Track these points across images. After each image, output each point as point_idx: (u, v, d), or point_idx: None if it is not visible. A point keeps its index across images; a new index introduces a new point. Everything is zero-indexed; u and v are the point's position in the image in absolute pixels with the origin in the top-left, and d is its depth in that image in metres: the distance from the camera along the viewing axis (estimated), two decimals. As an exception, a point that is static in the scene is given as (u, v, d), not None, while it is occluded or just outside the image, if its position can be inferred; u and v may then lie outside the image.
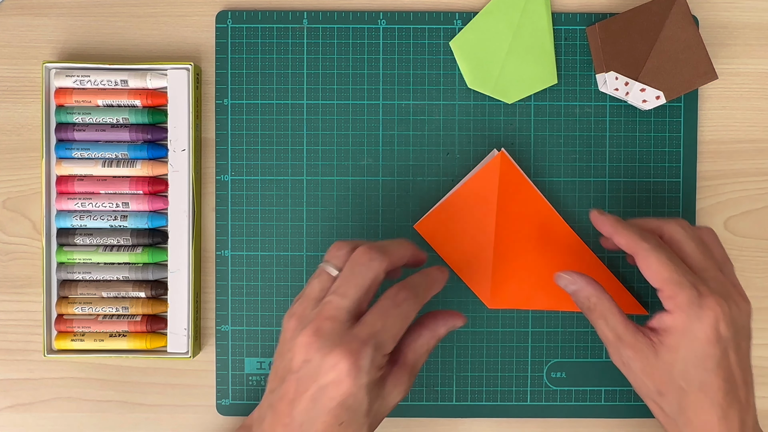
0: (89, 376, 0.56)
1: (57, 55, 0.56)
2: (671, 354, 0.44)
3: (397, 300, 0.45)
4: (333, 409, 0.42)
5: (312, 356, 0.43)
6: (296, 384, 0.43)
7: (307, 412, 0.43)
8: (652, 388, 0.45)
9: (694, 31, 0.52)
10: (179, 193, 0.54)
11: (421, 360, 0.46)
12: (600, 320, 0.47)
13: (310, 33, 0.55)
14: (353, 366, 0.42)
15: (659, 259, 0.45)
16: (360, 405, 0.43)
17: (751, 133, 0.56)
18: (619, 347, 0.46)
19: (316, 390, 0.42)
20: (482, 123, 0.55)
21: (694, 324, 0.44)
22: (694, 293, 0.44)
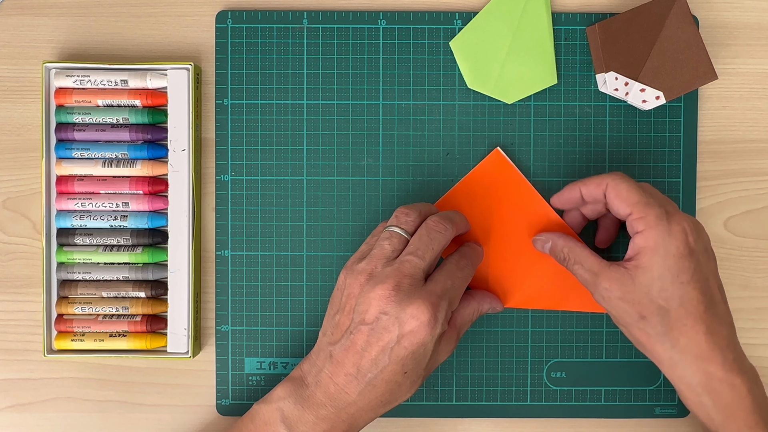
0: (89, 376, 0.56)
1: (57, 55, 0.56)
2: (647, 274, 0.45)
3: (460, 265, 0.49)
4: (404, 357, 0.46)
5: (390, 309, 0.46)
6: (368, 335, 0.46)
7: (376, 362, 0.46)
8: (634, 313, 0.46)
9: (694, 31, 0.52)
10: (179, 193, 0.54)
11: (465, 326, 0.51)
12: (576, 266, 0.49)
13: (310, 33, 0.55)
14: (432, 317, 0.46)
15: (629, 185, 0.47)
16: (425, 355, 0.47)
17: (751, 133, 0.56)
18: (597, 283, 0.47)
19: (391, 340, 0.46)
20: (482, 123, 0.55)
21: (665, 239, 0.45)
22: (662, 211, 0.46)
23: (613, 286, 0.47)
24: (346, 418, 0.47)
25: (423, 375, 0.48)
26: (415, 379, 0.48)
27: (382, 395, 0.47)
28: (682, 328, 0.46)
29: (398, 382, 0.47)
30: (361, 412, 0.48)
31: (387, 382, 0.47)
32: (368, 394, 0.47)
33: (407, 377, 0.47)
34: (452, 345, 0.50)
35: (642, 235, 0.46)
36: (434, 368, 0.49)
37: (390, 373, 0.46)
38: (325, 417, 0.47)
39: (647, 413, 0.55)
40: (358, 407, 0.47)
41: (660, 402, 0.55)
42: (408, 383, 0.47)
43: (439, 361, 0.49)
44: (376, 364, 0.46)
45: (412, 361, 0.46)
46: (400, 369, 0.46)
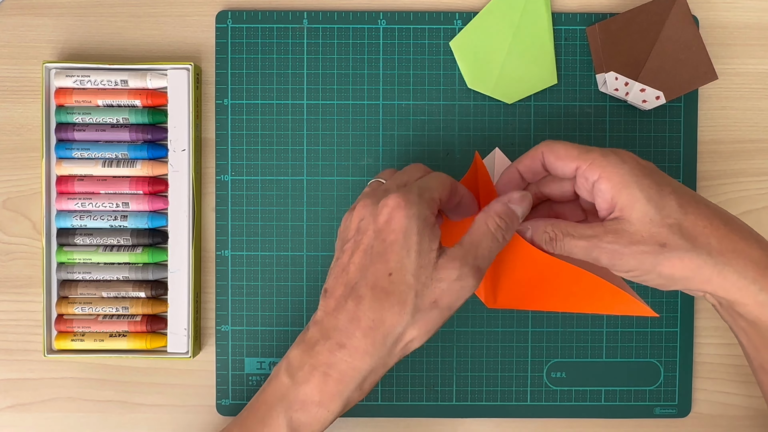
0: (89, 376, 0.56)
1: (57, 55, 0.56)
2: (636, 206, 0.43)
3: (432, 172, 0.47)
4: (384, 251, 0.42)
5: (366, 213, 0.44)
6: (352, 246, 0.44)
7: (361, 268, 0.43)
8: (654, 247, 0.43)
9: (694, 31, 0.52)
10: (179, 193, 0.54)
11: (478, 239, 0.44)
12: (567, 239, 0.45)
13: (310, 33, 0.55)
14: (403, 198, 0.43)
15: (565, 144, 0.45)
16: (409, 249, 0.42)
17: (751, 133, 0.56)
18: (600, 243, 0.44)
19: (370, 238, 0.43)
20: (482, 123, 0.55)
21: (623, 167, 0.43)
22: (604, 150, 0.44)
23: (618, 237, 0.43)
24: (337, 348, 0.43)
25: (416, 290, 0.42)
26: (405, 288, 0.42)
27: (370, 310, 0.42)
28: (703, 230, 0.43)
29: (386, 291, 0.42)
30: (351, 339, 0.42)
31: (372, 289, 0.42)
32: (356, 310, 0.42)
33: (394, 284, 0.42)
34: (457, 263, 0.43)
35: (603, 179, 0.44)
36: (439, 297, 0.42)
37: (374, 276, 0.42)
38: (318, 353, 0.43)
39: (647, 413, 0.55)
40: (347, 333, 0.42)
41: (660, 402, 0.55)
42: (397, 297, 0.42)
43: (442, 283, 0.42)
44: (360, 269, 0.43)
45: (395, 257, 0.42)
46: (383, 269, 0.42)
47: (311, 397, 0.43)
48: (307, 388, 0.43)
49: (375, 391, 0.55)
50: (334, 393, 0.43)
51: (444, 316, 0.43)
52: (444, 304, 0.43)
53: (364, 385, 0.44)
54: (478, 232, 0.44)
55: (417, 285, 0.42)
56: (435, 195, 0.44)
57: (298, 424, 0.44)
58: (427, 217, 0.43)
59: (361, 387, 0.44)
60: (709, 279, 0.44)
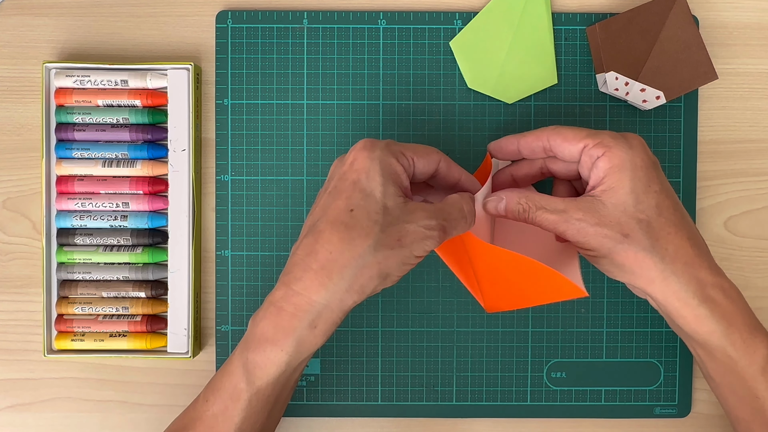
0: (89, 376, 0.56)
1: (57, 55, 0.56)
2: (620, 191, 0.45)
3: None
4: (346, 189, 0.43)
5: (337, 162, 0.46)
6: (321, 192, 0.46)
7: (324, 206, 0.44)
8: (616, 235, 0.44)
9: (694, 31, 0.52)
10: (179, 193, 0.54)
11: (449, 209, 0.45)
12: (539, 212, 0.46)
13: (310, 33, 0.55)
14: (369, 142, 0.44)
15: (570, 127, 0.47)
16: (372, 187, 0.43)
17: (751, 133, 0.56)
18: (568, 218, 0.45)
19: (336, 180, 0.44)
20: (482, 123, 0.55)
21: (629, 152, 0.45)
22: (612, 133, 0.46)
23: (587, 215, 0.45)
24: (293, 282, 0.42)
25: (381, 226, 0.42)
26: (368, 224, 0.42)
27: (328, 242, 0.42)
28: (666, 236, 0.45)
29: (346, 224, 0.42)
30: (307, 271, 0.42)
31: (332, 223, 0.42)
32: (314, 244, 0.42)
33: (356, 218, 0.42)
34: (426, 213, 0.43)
35: (605, 157, 0.45)
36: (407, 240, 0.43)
37: (335, 212, 0.43)
38: (277, 289, 0.43)
39: (647, 413, 0.55)
40: (304, 266, 0.42)
41: (660, 402, 0.55)
42: (360, 230, 0.42)
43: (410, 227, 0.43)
44: (323, 208, 0.44)
45: (358, 195, 0.43)
46: (344, 205, 0.43)
47: (265, 334, 0.43)
48: (263, 325, 0.43)
49: (375, 391, 0.55)
50: (287, 328, 0.42)
51: (406, 259, 0.43)
52: (407, 243, 0.43)
53: (318, 321, 0.42)
54: (452, 206, 0.45)
55: (383, 220, 0.42)
56: (406, 152, 0.45)
57: (252, 365, 0.43)
58: (392, 163, 0.44)
59: (314, 325, 0.42)
60: (653, 281, 0.45)
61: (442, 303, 0.55)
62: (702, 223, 0.56)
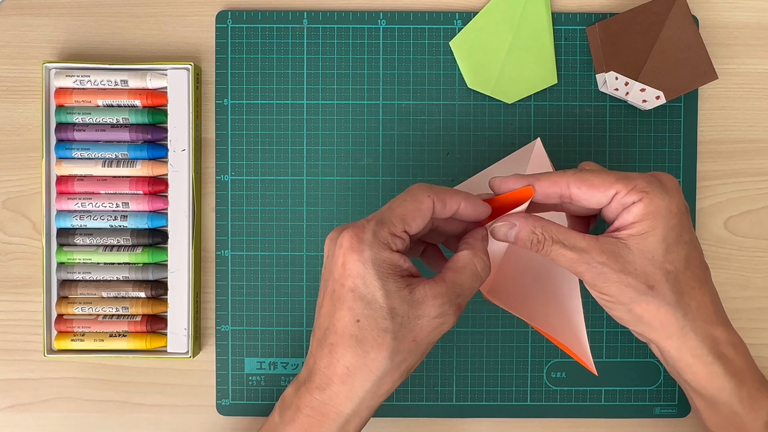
0: (89, 376, 0.56)
1: (57, 55, 0.56)
2: (650, 238, 0.41)
3: (409, 189, 0.43)
4: (346, 298, 0.40)
5: (328, 252, 0.42)
6: (323, 286, 0.42)
7: (328, 314, 0.41)
8: (640, 285, 0.41)
9: (694, 31, 0.52)
10: (179, 193, 0.54)
11: (462, 279, 0.42)
12: (555, 246, 0.42)
13: (310, 33, 0.55)
14: (355, 239, 0.40)
15: (596, 173, 0.42)
16: (372, 293, 0.40)
17: (751, 133, 0.56)
18: (589, 260, 0.41)
19: (333, 281, 0.41)
20: (482, 123, 0.55)
21: (665, 199, 0.41)
22: (649, 176, 0.42)
23: (611, 260, 0.41)
24: (318, 392, 0.42)
25: (394, 330, 0.40)
26: (378, 332, 0.40)
27: (343, 357, 0.41)
28: (691, 291, 0.42)
29: (356, 338, 0.40)
30: (330, 384, 0.41)
31: (341, 336, 0.40)
32: (330, 357, 0.41)
33: (365, 330, 0.40)
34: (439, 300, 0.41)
35: (641, 203, 0.41)
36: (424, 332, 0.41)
37: (341, 323, 0.41)
38: (303, 394, 0.43)
39: (647, 413, 0.55)
40: (325, 377, 0.41)
41: (660, 402, 0.55)
42: (371, 342, 0.40)
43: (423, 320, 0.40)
44: (328, 315, 0.41)
45: (360, 303, 0.40)
46: (349, 316, 0.40)
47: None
48: (292, 429, 0.43)
49: (375, 391, 0.55)
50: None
51: (425, 351, 0.42)
52: (423, 341, 0.41)
53: (348, 427, 0.42)
54: (464, 271, 0.42)
55: (392, 326, 0.40)
56: (396, 229, 0.41)
57: None
58: (386, 258, 0.40)
59: (345, 429, 0.42)
60: (670, 336, 0.43)
61: (442, 303, 0.55)
62: (702, 223, 0.56)
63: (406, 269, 0.41)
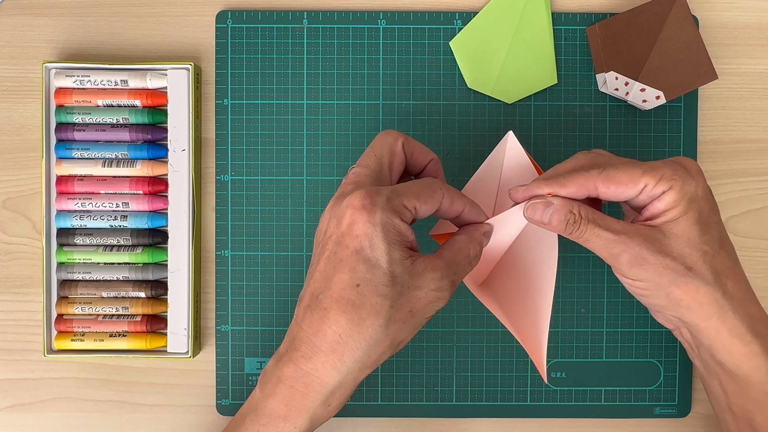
0: (89, 376, 0.56)
1: (57, 55, 0.56)
2: (683, 223, 0.42)
3: (423, 179, 0.44)
4: (348, 259, 0.39)
5: (331, 215, 0.41)
6: (320, 251, 0.41)
7: (325, 276, 0.40)
8: (679, 267, 0.42)
9: (694, 31, 0.52)
10: (179, 193, 0.54)
11: (458, 259, 0.42)
12: (591, 225, 0.42)
13: (310, 33, 0.55)
14: (369, 199, 0.39)
15: (621, 169, 0.42)
16: (377, 257, 0.39)
17: (751, 133, 0.56)
18: (627, 242, 0.41)
19: (333, 243, 0.40)
20: (482, 123, 0.55)
21: (691, 185, 0.42)
22: (667, 162, 0.42)
23: (647, 243, 0.41)
24: (303, 361, 0.41)
25: (392, 298, 0.39)
26: (378, 300, 0.39)
27: (336, 324, 0.40)
28: (726, 270, 0.43)
29: (353, 303, 0.39)
30: (317, 352, 0.40)
31: (338, 301, 0.39)
32: (321, 323, 0.40)
33: (364, 295, 0.39)
34: (438, 273, 0.41)
35: (672, 192, 0.41)
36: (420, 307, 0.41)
37: (339, 286, 0.39)
38: (285, 364, 0.41)
39: (647, 413, 0.55)
40: (312, 345, 0.40)
41: (660, 402, 0.55)
42: (369, 309, 0.39)
43: (421, 293, 0.40)
44: (324, 278, 0.40)
45: (363, 266, 0.39)
46: (349, 279, 0.39)
47: (277, 410, 0.42)
48: (274, 402, 0.42)
49: (375, 391, 0.55)
50: (300, 408, 0.41)
51: (418, 325, 0.42)
52: (419, 312, 0.41)
53: (331, 400, 0.42)
54: (459, 253, 0.43)
55: (392, 293, 0.40)
56: (408, 202, 0.41)
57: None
58: (395, 224, 0.40)
59: (328, 402, 0.42)
60: (710, 317, 0.43)
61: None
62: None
63: (410, 242, 0.41)
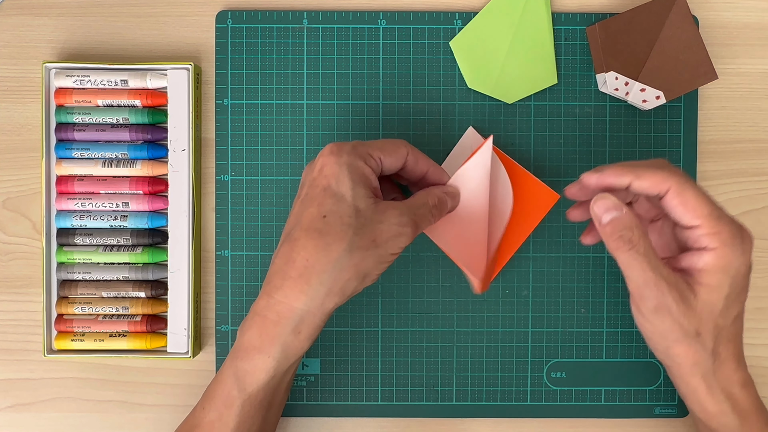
0: (89, 376, 0.56)
1: (57, 55, 0.56)
2: (715, 293, 0.43)
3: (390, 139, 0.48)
4: (317, 196, 0.44)
5: (307, 169, 0.46)
6: (294, 205, 0.46)
7: (297, 214, 0.45)
8: (690, 329, 0.43)
9: (694, 31, 0.52)
10: (179, 193, 0.54)
11: (417, 203, 0.46)
12: (640, 257, 0.42)
13: (310, 33, 0.55)
14: (335, 147, 0.45)
15: (697, 194, 0.42)
16: (342, 192, 0.44)
17: (751, 133, 0.56)
18: (661, 288, 0.42)
19: (306, 187, 0.45)
20: (482, 123, 0.55)
21: (739, 258, 0.42)
22: (735, 227, 0.42)
23: (678, 298, 0.43)
24: (274, 290, 0.44)
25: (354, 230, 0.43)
26: (341, 229, 0.43)
27: (304, 249, 0.43)
28: (727, 343, 0.45)
29: (320, 231, 0.43)
30: (286, 279, 0.43)
31: (307, 231, 0.43)
32: (290, 251, 0.43)
33: (329, 224, 0.43)
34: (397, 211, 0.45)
35: (714, 253, 0.42)
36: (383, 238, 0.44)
37: (308, 219, 0.43)
38: (260, 298, 0.45)
39: (647, 413, 0.55)
40: (282, 274, 0.43)
41: (660, 402, 0.55)
42: (334, 235, 0.43)
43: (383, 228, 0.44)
44: (296, 216, 0.45)
45: (330, 200, 0.43)
46: (317, 212, 0.43)
47: (252, 342, 0.44)
48: (249, 334, 0.45)
49: (375, 391, 0.55)
50: (272, 335, 0.44)
51: (382, 258, 0.44)
52: (382, 243, 0.44)
53: (301, 326, 0.44)
54: (419, 199, 0.47)
55: (355, 223, 0.43)
56: (373, 152, 0.45)
57: (242, 372, 0.45)
58: (360, 166, 0.44)
59: (298, 329, 0.44)
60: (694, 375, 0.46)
61: (442, 303, 0.55)
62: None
63: (374, 187, 0.46)
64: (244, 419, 0.46)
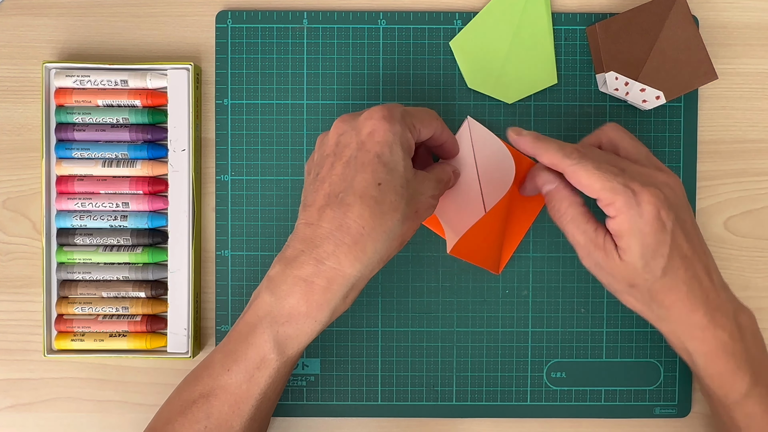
0: (89, 376, 0.56)
1: (57, 55, 0.56)
2: (627, 254, 0.45)
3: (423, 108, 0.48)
4: (371, 162, 0.43)
5: (345, 127, 0.45)
6: (332, 160, 0.45)
7: (344, 177, 0.43)
8: (624, 283, 0.47)
9: (694, 31, 0.52)
10: (179, 193, 0.54)
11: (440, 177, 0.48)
12: (572, 224, 0.47)
13: (310, 33, 0.55)
14: (387, 112, 0.44)
15: (587, 170, 0.45)
16: (396, 162, 0.44)
17: (751, 133, 0.56)
18: (591, 250, 0.47)
19: (352, 150, 0.44)
20: (482, 123, 0.55)
21: (638, 221, 0.44)
22: (629, 194, 0.44)
23: (606, 258, 0.46)
24: (325, 257, 0.43)
25: (406, 200, 0.44)
26: (395, 198, 0.43)
27: (360, 217, 0.42)
28: (666, 292, 0.46)
29: (376, 199, 0.43)
30: (341, 245, 0.43)
31: (362, 197, 0.43)
32: (344, 217, 0.43)
33: (384, 193, 0.43)
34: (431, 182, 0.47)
35: (615, 221, 0.45)
36: (419, 207, 0.45)
37: (362, 185, 0.43)
38: (303, 263, 0.43)
39: (647, 413, 0.55)
40: (336, 240, 0.43)
41: (660, 402, 0.55)
42: (389, 205, 0.43)
43: (421, 196, 0.46)
44: (344, 179, 0.43)
45: (384, 169, 0.43)
46: (371, 178, 0.43)
47: (297, 308, 0.44)
48: (293, 300, 0.44)
49: (375, 391, 0.55)
50: (321, 302, 0.43)
51: (416, 227, 0.47)
52: (422, 213, 0.46)
53: (350, 293, 0.44)
54: (439, 174, 0.48)
55: (407, 194, 0.44)
56: (416, 124, 0.46)
57: (284, 336, 0.44)
58: (408, 138, 0.45)
59: (347, 295, 0.44)
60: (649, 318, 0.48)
61: (442, 303, 0.55)
62: (702, 223, 0.56)
63: (412, 157, 0.46)
64: (275, 380, 0.46)
